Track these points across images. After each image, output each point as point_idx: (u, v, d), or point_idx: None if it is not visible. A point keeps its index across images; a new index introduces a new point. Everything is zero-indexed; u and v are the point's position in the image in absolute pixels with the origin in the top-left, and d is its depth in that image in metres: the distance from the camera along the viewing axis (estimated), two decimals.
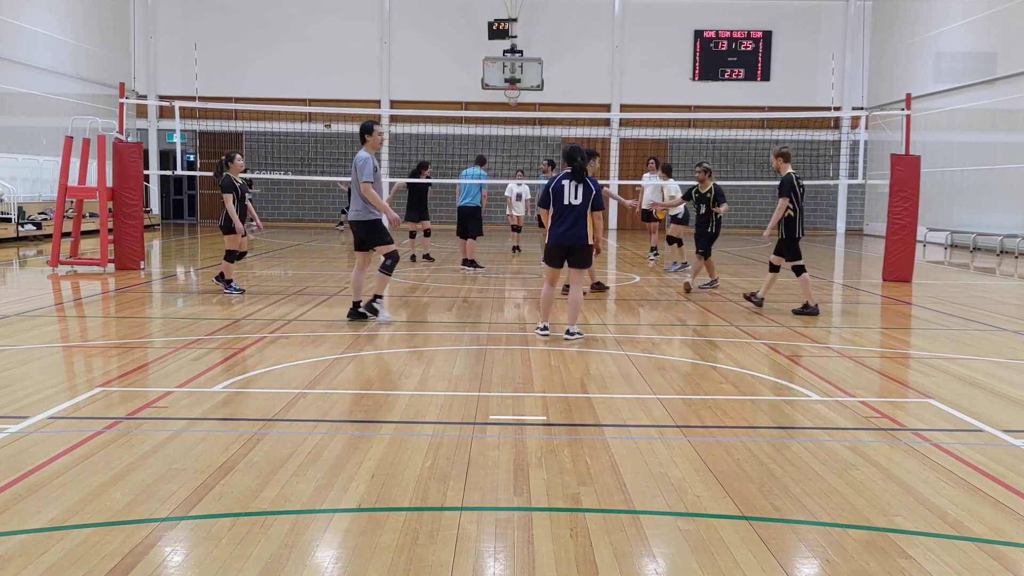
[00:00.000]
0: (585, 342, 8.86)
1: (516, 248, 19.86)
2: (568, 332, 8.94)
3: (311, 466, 4.84)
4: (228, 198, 12.10)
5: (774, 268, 11.46)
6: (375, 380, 7.11)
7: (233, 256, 12.26)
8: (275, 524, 4.04)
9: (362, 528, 4.03)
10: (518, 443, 5.36)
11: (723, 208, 13.24)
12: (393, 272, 9.94)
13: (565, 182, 8.89)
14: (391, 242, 9.78)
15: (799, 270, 11.23)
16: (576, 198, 8.81)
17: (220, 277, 12.38)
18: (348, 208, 11.42)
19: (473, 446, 5.26)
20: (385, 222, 9.71)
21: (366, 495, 4.43)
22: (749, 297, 11.73)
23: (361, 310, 9.79)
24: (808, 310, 10.99)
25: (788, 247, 11.22)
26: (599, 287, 12.62)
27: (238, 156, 12.45)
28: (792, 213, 11.11)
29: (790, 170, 11.15)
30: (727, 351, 8.44)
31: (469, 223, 16.04)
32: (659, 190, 17.78)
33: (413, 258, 17.24)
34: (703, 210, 13.27)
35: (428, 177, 17.14)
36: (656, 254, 18.59)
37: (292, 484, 4.56)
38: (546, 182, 15.38)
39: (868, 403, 6.54)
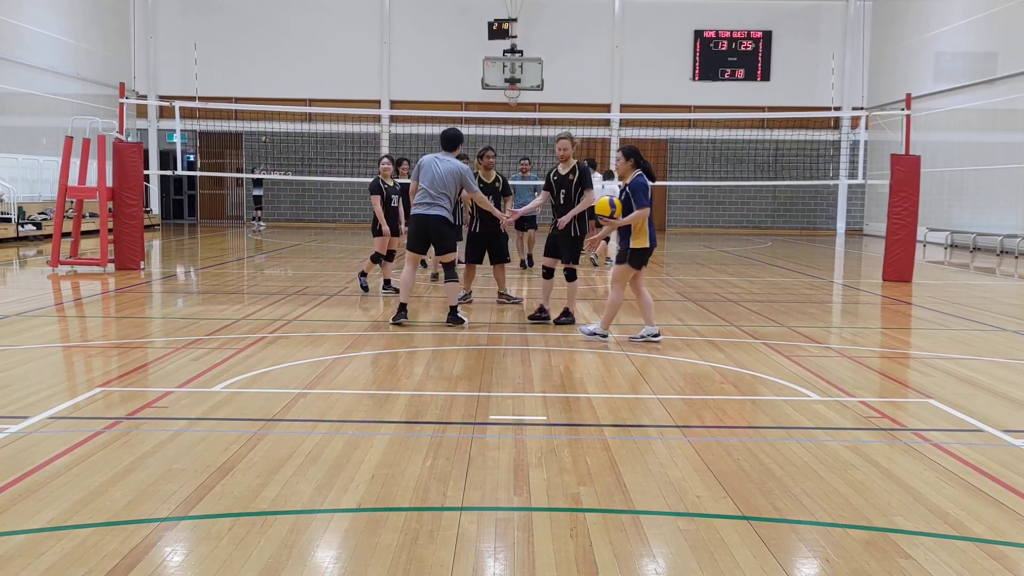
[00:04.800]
0: (585, 342, 8.86)
1: None
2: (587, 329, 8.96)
3: (311, 466, 4.84)
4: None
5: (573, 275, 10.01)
6: (375, 380, 7.11)
7: (379, 258, 12.29)
8: (275, 524, 4.04)
9: (362, 528, 4.03)
10: (518, 443, 5.36)
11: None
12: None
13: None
14: (456, 249, 9.76)
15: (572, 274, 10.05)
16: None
17: (387, 284, 12.41)
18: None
19: (473, 446, 5.26)
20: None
21: (366, 495, 4.43)
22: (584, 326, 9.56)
23: (448, 322, 9.60)
24: (569, 317, 9.86)
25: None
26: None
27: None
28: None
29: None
30: (727, 351, 8.44)
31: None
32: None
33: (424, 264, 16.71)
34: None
35: None
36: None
37: (292, 484, 4.55)
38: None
39: (868, 403, 6.54)
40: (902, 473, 4.91)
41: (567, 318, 9.83)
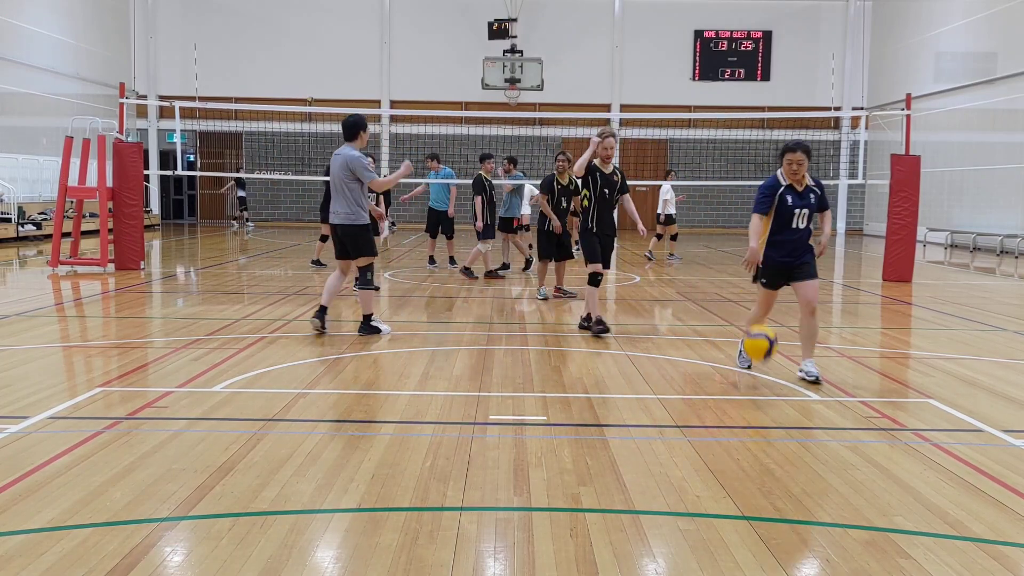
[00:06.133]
0: (585, 342, 8.86)
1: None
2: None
3: (311, 466, 4.84)
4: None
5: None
6: (375, 380, 7.11)
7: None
8: (275, 524, 4.04)
9: (362, 528, 4.03)
10: (518, 443, 5.36)
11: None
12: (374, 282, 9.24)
13: None
14: (375, 253, 9.04)
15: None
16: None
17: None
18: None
19: (473, 446, 5.26)
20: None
21: (366, 495, 4.43)
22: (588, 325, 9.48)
23: (360, 332, 8.96)
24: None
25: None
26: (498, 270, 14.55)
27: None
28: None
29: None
30: (727, 351, 8.44)
31: (443, 223, 16.02)
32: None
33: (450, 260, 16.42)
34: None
35: (490, 173, 14.86)
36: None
37: (292, 484, 4.55)
38: (516, 179, 15.38)
39: (868, 403, 6.54)
40: (902, 473, 4.91)
41: (601, 326, 9.19)
